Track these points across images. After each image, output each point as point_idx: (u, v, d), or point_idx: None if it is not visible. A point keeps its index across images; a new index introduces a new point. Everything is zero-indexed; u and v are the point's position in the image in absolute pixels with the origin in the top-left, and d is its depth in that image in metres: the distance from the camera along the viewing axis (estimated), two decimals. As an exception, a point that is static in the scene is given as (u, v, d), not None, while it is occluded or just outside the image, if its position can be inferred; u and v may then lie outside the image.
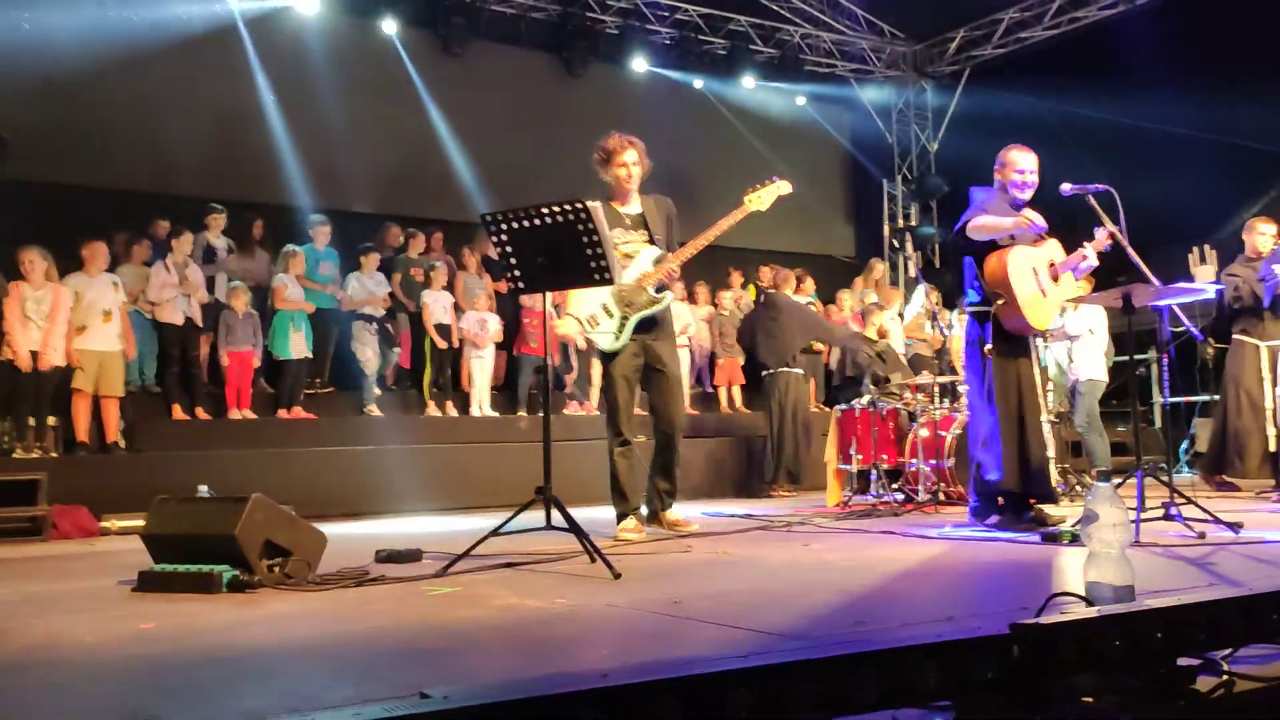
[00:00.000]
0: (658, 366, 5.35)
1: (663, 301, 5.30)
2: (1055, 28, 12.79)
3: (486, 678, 2.21)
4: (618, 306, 5.25)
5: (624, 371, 5.29)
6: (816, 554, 4.57)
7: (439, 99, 11.47)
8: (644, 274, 5.26)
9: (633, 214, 5.39)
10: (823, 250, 14.37)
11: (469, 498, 7.75)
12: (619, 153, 5.34)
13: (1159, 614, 1.96)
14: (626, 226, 5.35)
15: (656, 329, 5.36)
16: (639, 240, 5.34)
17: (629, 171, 5.34)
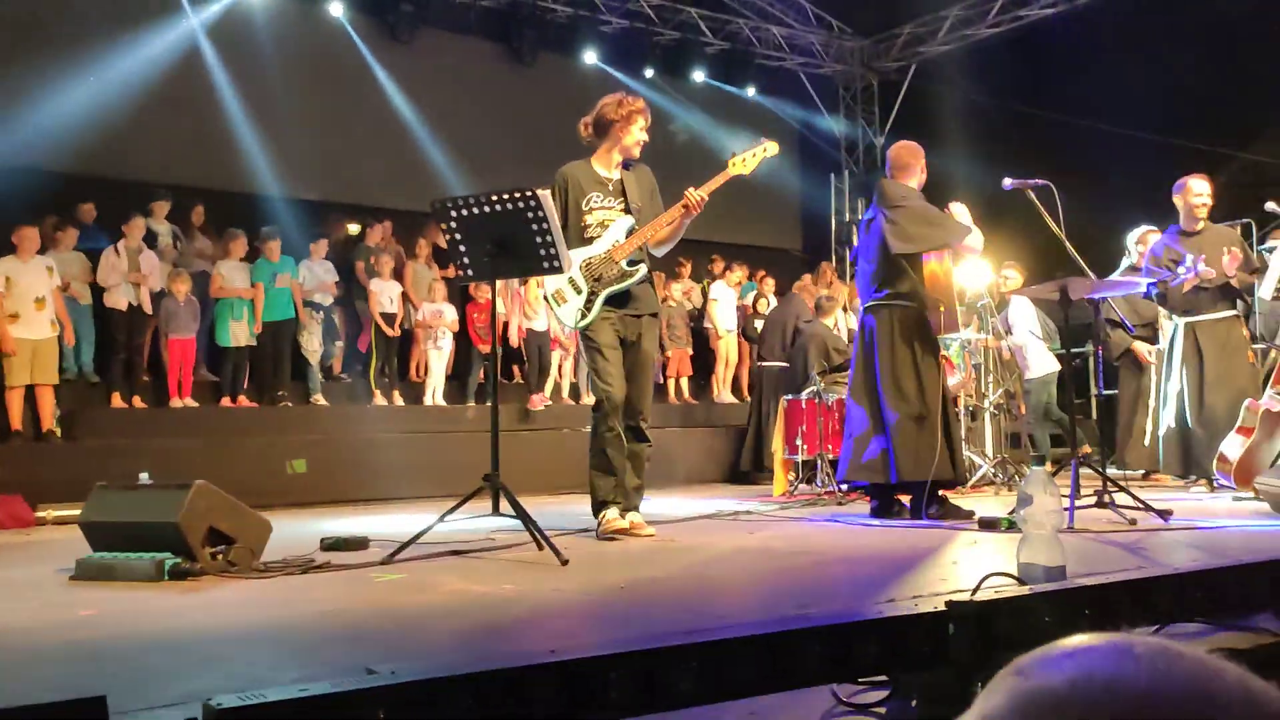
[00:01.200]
0: (634, 345, 4.89)
1: (635, 275, 4.82)
2: (998, 25, 12.99)
3: (434, 658, 2.23)
4: (586, 281, 4.81)
5: (608, 340, 4.80)
6: (762, 541, 4.64)
7: (388, 87, 11.36)
8: (616, 245, 4.81)
9: (613, 180, 4.95)
10: (773, 243, 14.48)
11: (418, 487, 7.71)
12: (638, 119, 4.90)
13: (1088, 591, 2.04)
14: (606, 192, 4.91)
15: (633, 304, 4.89)
16: (616, 209, 4.90)
17: (643, 141, 4.93)
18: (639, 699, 1.56)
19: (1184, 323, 6.45)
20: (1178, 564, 2.60)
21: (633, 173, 5.01)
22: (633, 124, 4.88)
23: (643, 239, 4.79)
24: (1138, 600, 2.07)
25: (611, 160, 4.94)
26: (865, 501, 6.63)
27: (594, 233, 4.82)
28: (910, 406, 5.17)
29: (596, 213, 4.85)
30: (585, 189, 4.85)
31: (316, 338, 9.43)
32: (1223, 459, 5.81)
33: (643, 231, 4.79)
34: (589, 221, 4.82)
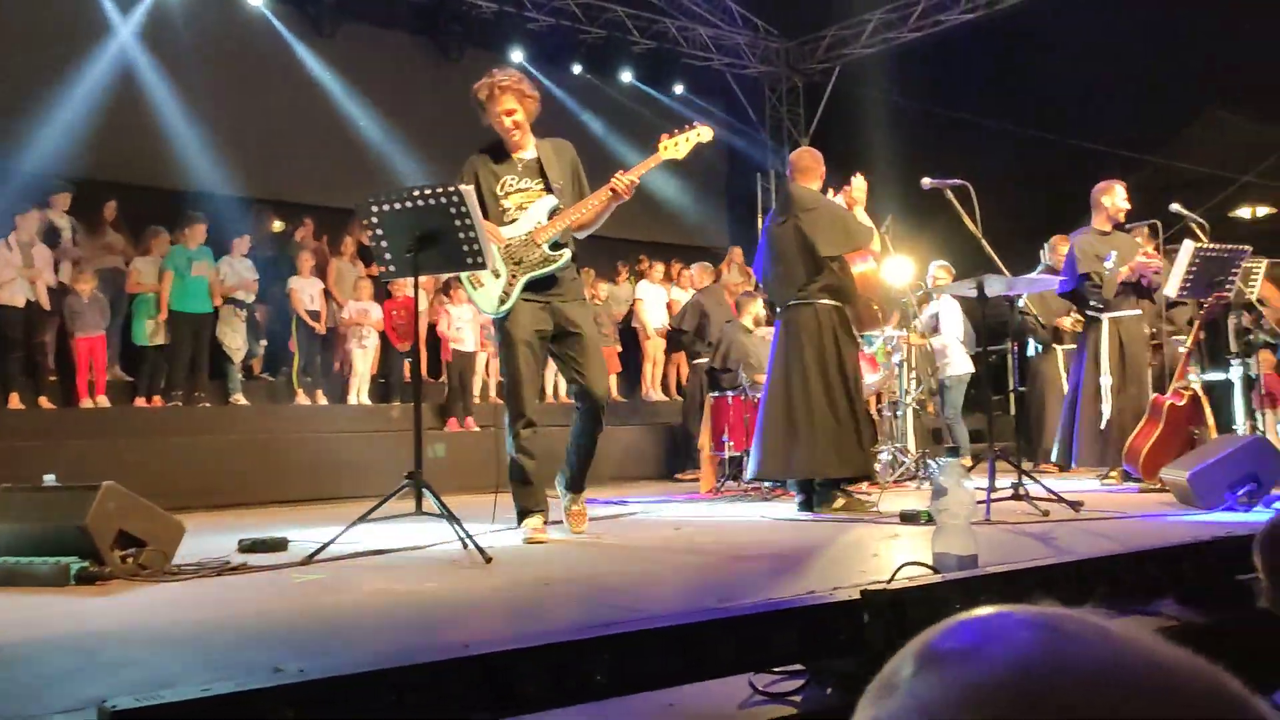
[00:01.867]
0: (570, 329, 4.58)
1: (559, 260, 4.52)
2: (919, 30, 13.23)
3: (349, 657, 2.19)
4: (505, 265, 4.51)
5: (524, 336, 4.49)
6: (687, 537, 4.66)
7: (310, 81, 11.16)
8: (538, 227, 4.52)
9: (527, 159, 4.64)
10: (699, 242, 14.55)
11: (342, 487, 7.59)
12: (492, 103, 4.54)
13: (997, 578, 2.08)
14: (519, 173, 4.62)
15: (560, 287, 4.59)
16: (535, 189, 4.61)
17: (509, 123, 4.56)
18: (555, 692, 1.56)
19: (1108, 318, 6.63)
20: (1083, 552, 2.68)
21: (551, 148, 4.71)
22: (493, 102, 4.53)
23: (566, 221, 4.52)
24: (1044, 586, 2.13)
25: (518, 140, 4.62)
26: (791, 497, 6.72)
27: (513, 216, 4.57)
28: (831, 403, 5.26)
29: (514, 195, 4.59)
30: (498, 173, 4.61)
31: (240, 335, 9.22)
32: (1131, 451, 6.00)
33: (566, 213, 4.52)
34: (506, 205, 4.58)
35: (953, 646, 0.50)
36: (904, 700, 0.49)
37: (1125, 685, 0.46)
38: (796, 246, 5.40)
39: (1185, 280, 6.02)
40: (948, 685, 0.48)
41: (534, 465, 4.53)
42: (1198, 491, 4.75)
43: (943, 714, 0.47)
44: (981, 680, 0.47)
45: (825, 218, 5.41)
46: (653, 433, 10.19)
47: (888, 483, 7.22)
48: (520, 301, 4.51)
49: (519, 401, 4.52)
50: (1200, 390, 6.17)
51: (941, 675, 0.49)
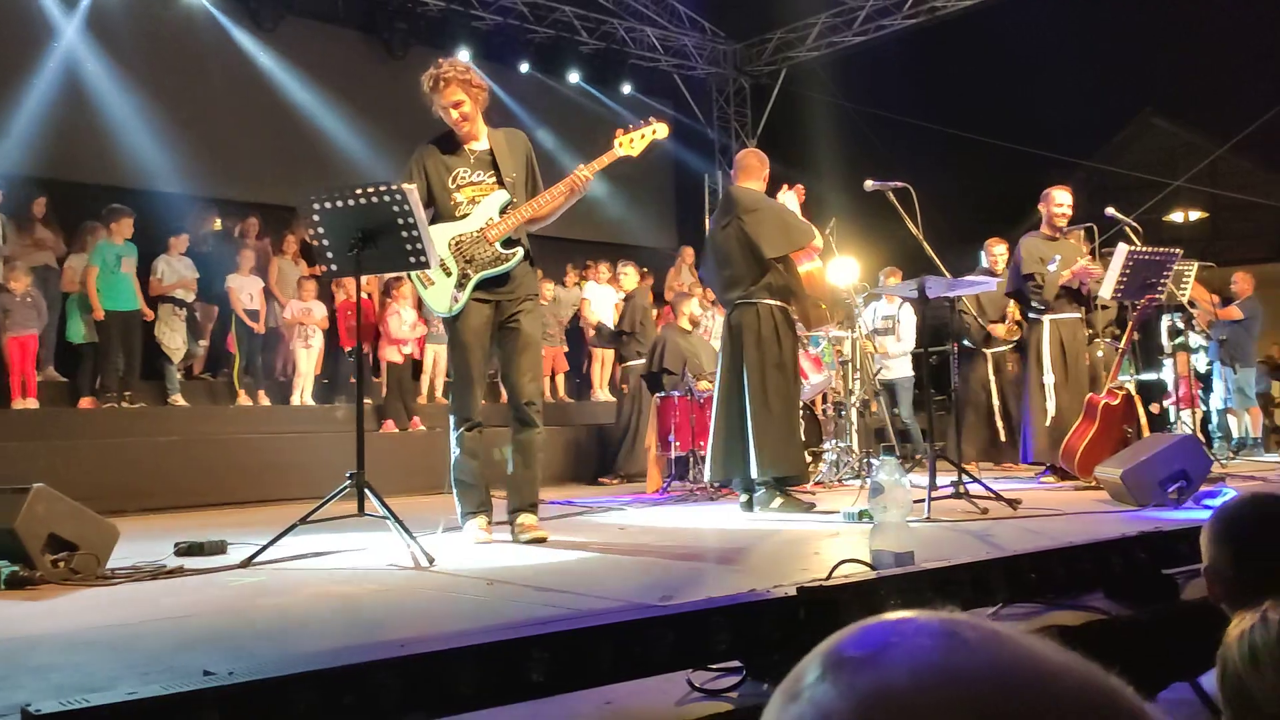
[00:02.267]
0: (511, 326, 4.45)
1: (512, 259, 4.38)
2: (864, 34, 13.38)
3: (285, 659, 2.17)
4: (456, 262, 4.36)
5: (473, 337, 4.38)
6: (632, 536, 4.67)
7: (253, 76, 11.00)
8: (489, 224, 4.37)
9: (479, 150, 4.48)
10: (647, 243, 14.58)
11: (284, 489, 7.48)
12: (437, 94, 4.40)
13: (932, 574, 2.12)
14: (471, 165, 4.46)
15: (511, 285, 4.44)
16: (488, 182, 4.45)
17: (456, 115, 4.41)
18: (491, 691, 1.56)
19: (1049, 320, 6.76)
20: (1017, 548, 2.73)
21: (504, 139, 4.56)
22: (438, 94, 4.39)
23: (520, 218, 4.37)
24: (977, 582, 2.17)
25: (468, 131, 4.48)
26: (737, 497, 6.76)
27: (465, 210, 4.42)
28: (776, 403, 5.30)
29: (466, 189, 4.44)
30: (450, 165, 4.46)
31: (180, 335, 9.05)
32: (1067, 450, 6.12)
33: (520, 210, 4.38)
34: (458, 199, 4.43)
35: (855, 653, 0.51)
36: (803, 708, 0.49)
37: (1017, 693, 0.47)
38: (740, 248, 5.43)
39: (1119, 282, 6.16)
40: (845, 692, 0.48)
41: (478, 466, 4.44)
42: (1130, 488, 4.86)
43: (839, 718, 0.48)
44: (878, 687, 0.48)
45: (768, 219, 5.45)
46: (601, 434, 10.19)
47: (833, 482, 7.30)
48: (472, 302, 4.39)
49: (465, 402, 4.43)
50: (1133, 390, 6.30)
51: (841, 682, 0.49)
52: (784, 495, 5.31)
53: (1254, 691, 1.30)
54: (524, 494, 4.47)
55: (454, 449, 4.46)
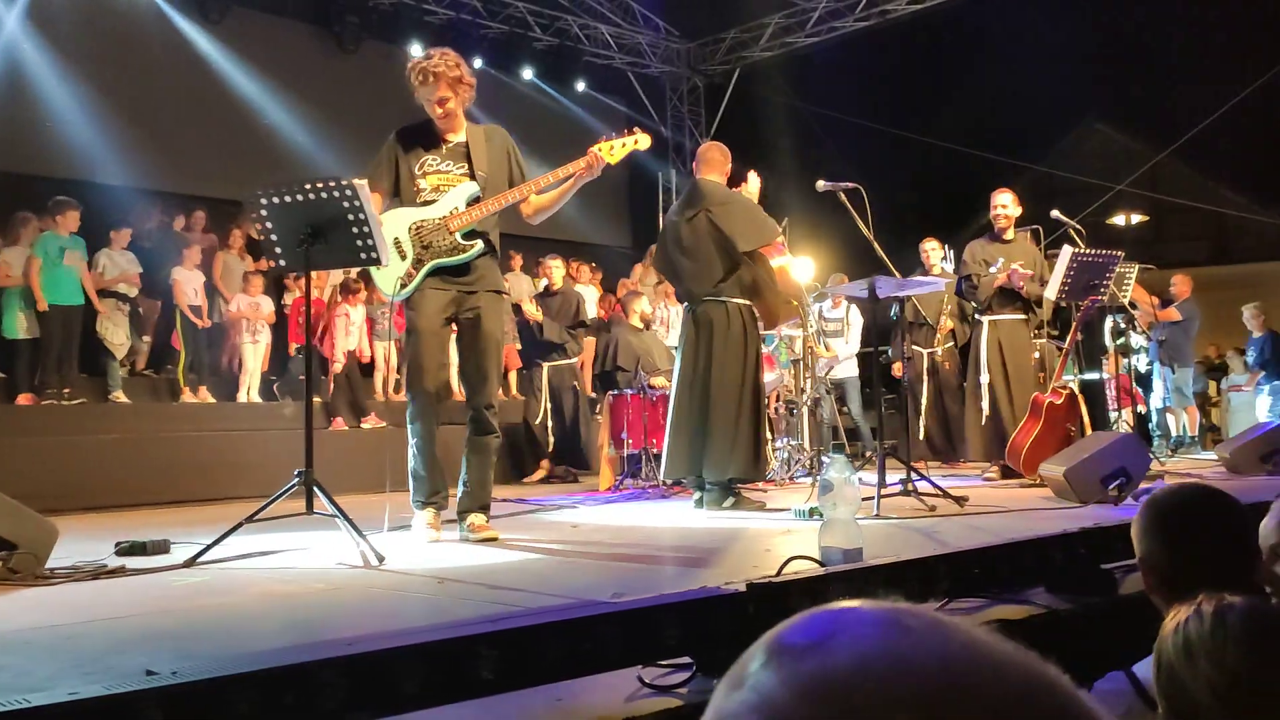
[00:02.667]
0: (470, 322, 4.37)
1: (469, 251, 4.30)
2: (817, 35, 13.49)
3: (229, 659, 2.14)
4: (413, 246, 4.28)
5: (430, 325, 4.31)
6: (584, 534, 4.67)
7: (198, 68, 10.81)
8: (453, 213, 4.30)
9: (456, 142, 4.44)
10: (601, 240, 14.58)
11: (231, 488, 7.37)
12: (425, 88, 4.32)
13: (880, 570, 2.14)
14: (443, 155, 4.41)
15: (471, 276, 4.35)
16: (456, 173, 4.38)
17: (440, 111, 4.34)
18: (439, 689, 1.55)
19: (988, 321, 6.86)
20: (963, 545, 2.77)
21: (483, 134, 4.50)
22: (425, 88, 4.31)
23: (486, 211, 4.31)
24: (924, 578, 2.20)
25: (448, 125, 4.43)
26: (689, 495, 6.79)
27: (428, 197, 4.36)
28: (738, 404, 5.28)
29: (432, 176, 4.37)
30: (420, 152, 4.40)
31: (123, 331, 8.88)
32: (1013, 449, 6.22)
33: (487, 203, 4.31)
34: (422, 185, 4.37)
35: (798, 641, 0.51)
36: (746, 695, 0.50)
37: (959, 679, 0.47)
38: (711, 241, 5.35)
39: (1064, 283, 6.27)
40: (787, 679, 0.49)
41: (432, 457, 4.36)
42: (1073, 486, 4.96)
43: (781, 706, 0.48)
44: (820, 674, 0.48)
45: (739, 211, 5.38)
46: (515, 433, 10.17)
47: (784, 480, 7.35)
48: (428, 289, 4.32)
49: (418, 392, 4.34)
50: (1077, 389, 6.42)
51: (784, 669, 0.49)
52: (735, 494, 5.32)
53: (1188, 683, 1.34)
54: (476, 496, 4.40)
55: (409, 437, 4.38)
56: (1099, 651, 1.95)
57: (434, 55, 4.36)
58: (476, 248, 4.33)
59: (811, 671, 0.48)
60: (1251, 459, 6.18)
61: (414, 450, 4.37)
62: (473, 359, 4.40)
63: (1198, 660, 1.33)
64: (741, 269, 5.36)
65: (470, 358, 4.41)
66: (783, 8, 13.50)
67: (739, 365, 5.31)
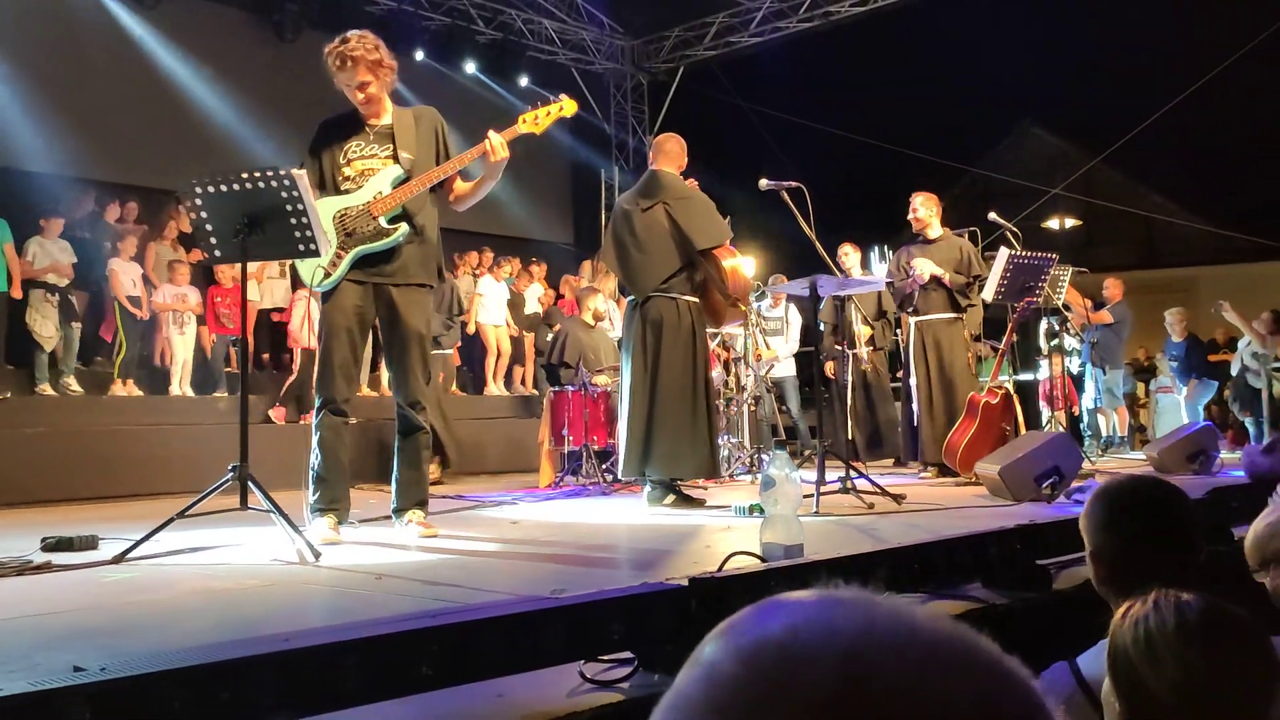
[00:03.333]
0: (392, 318, 4.23)
1: (394, 235, 4.16)
2: (760, 35, 13.57)
3: (159, 655, 2.09)
4: (336, 234, 4.14)
5: (343, 320, 4.16)
6: (525, 531, 4.64)
7: (132, 55, 10.56)
8: (377, 197, 4.16)
9: (380, 125, 4.30)
10: (543, 236, 14.53)
11: (163, 483, 7.20)
12: (343, 73, 4.18)
13: (820, 566, 2.16)
14: (369, 140, 4.27)
15: (393, 266, 4.20)
16: (381, 156, 4.25)
17: (361, 97, 4.22)
18: (378, 685, 1.53)
19: (914, 322, 6.95)
20: (901, 541, 2.81)
21: (411, 116, 4.36)
22: (344, 72, 4.17)
23: (411, 192, 4.17)
24: (863, 574, 2.22)
25: (372, 111, 4.29)
26: (631, 491, 6.79)
27: (352, 185, 4.23)
28: (690, 403, 5.26)
29: (356, 163, 4.24)
30: (344, 138, 4.28)
31: (52, 323, 8.63)
32: (949, 448, 6.32)
33: (412, 184, 4.17)
34: (348, 174, 4.24)
35: (741, 619, 0.54)
36: (694, 670, 0.52)
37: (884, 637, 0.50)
38: (666, 234, 5.28)
39: (1000, 285, 6.38)
40: (728, 647, 0.52)
41: (335, 460, 4.19)
42: (1008, 484, 5.05)
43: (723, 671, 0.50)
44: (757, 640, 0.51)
45: (698, 208, 5.32)
46: (489, 427, 10.11)
47: (724, 477, 7.38)
48: (345, 282, 4.18)
49: (326, 388, 4.19)
50: (1012, 389, 6.54)
51: (728, 642, 0.52)
52: (675, 492, 5.32)
53: (1150, 683, 1.33)
54: (411, 494, 4.29)
55: (313, 434, 4.23)
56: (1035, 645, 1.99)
57: (350, 38, 4.21)
58: (400, 230, 4.18)
59: (750, 639, 0.51)
60: (1179, 459, 6.35)
61: (317, 452, 4.20)
62: (393, 354, 4.28)
63: (1162, 661, 1.33)
64: (695, 266, 5.34)
65: (391, 353, 4.30)
66: (727, 7, 13.56)
67: (690, 363, 5.28)
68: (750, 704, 0.48)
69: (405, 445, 4.32)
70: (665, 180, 5.41)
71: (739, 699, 0.49)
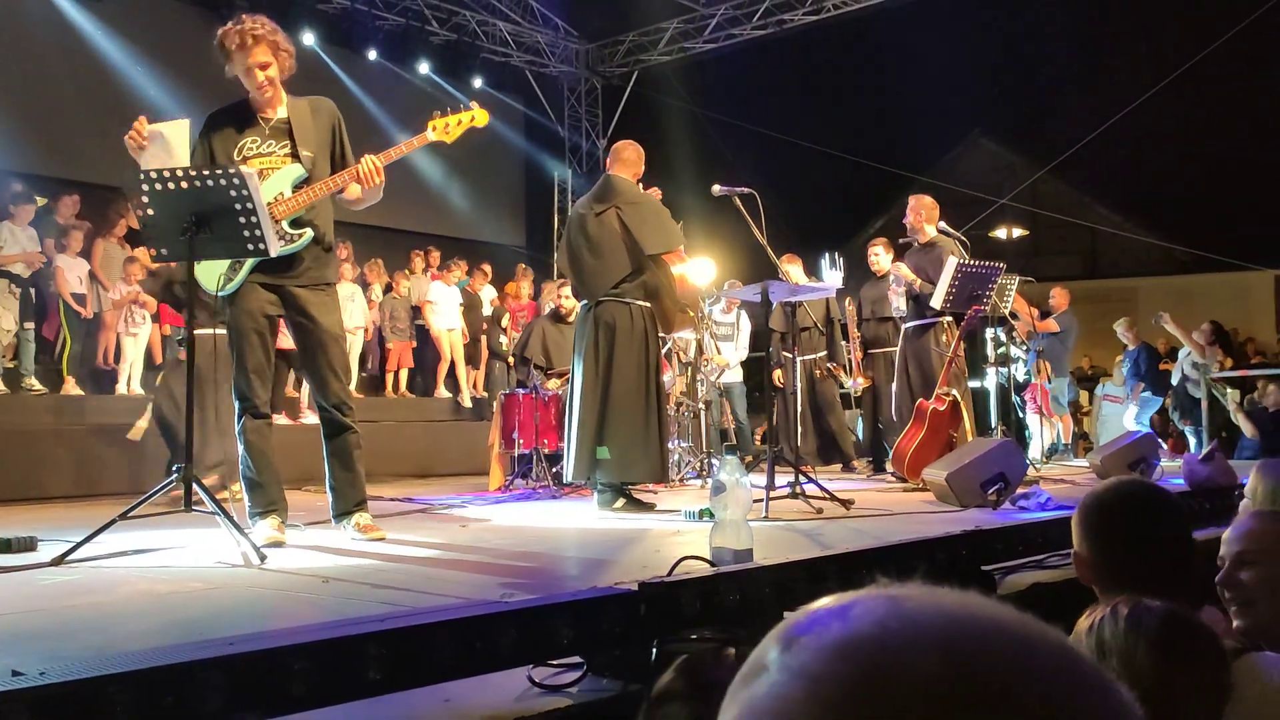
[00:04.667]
0: (303, 321, 4.11)
1: (298, 242, 4.03)
2: (714, 42, 13.65)
3: (100, 659, 2.05)
4: None
5: (252, 322, 4.05)
6: (474, 533, 4.62)
7: (76, 47, 10.35)
8: (277, 199, 4.00)
9: (276, 119, 4.12)
10: (495, 239, 14.47)
11: (106, 484, 7.06)
12: (243, 53, 4.01)
13: (769, 571, 2.18)
14: (265, 135, 4.09)
15: (297, 269, 4.08)
16: (280, 154, 4.08)
17: (262, 77, 4.04)
18: (325, 690, 1.52)
19: (903, 329, 7.05)
20: (849, 546, 2.84)
21: (308, 108, 4.19)
22: (244, 52, 4.02)
23: (315, 197, 4.04)
24: (812, 579, 2.24)
25: (269, 98, 4.11)
26: (581, 495, 6.78)
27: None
28: (643, 408, 5.27)
29: (254, 161, 4.06)
30: (239, 131, 4.10)
31: (12, 315, 8.39)
32: (897, 454, 6.39)
33: (315, 187, 4.03)
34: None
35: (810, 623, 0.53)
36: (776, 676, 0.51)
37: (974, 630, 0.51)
38: (618, 239, 5.30)
39: (949, 293, 6.47)
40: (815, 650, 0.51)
41: (265, 462, 4.12)
42: (955, 490, 5.12)
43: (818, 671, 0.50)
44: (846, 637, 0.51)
45: (650, 213, 5.36)
46: (442, 430, 10.05)
47: (674, 481, 7.39)
48: (247, 283, 4.06)
49: (245, 392, 4.09)
50: (959, 396, 6.62)
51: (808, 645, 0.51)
52: (625, 496, 5.33)
53: None
54: (349, 496, 4.20)
55: (238, 441, 4.13)
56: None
57: (246, 19, 4.07)
58: (306, 236, 4.06)
59: (836, 638, 0.51)
60: (1120, 466, 6.46)
61: (245, 458, 4.11)
62: (308, 357, 4.18)
63: (1110, 660, 1.35)
64: (646, 271, 5.36)
65: (310, 358, 4.17)
66: (681, 13, 13.62)
67: (642, 368, 5.30)
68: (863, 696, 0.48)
69: (335, 448, 4.20)
70: (619, 185, 5.44)
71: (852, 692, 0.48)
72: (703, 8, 13.37)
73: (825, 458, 8.41)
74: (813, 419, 8.46)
